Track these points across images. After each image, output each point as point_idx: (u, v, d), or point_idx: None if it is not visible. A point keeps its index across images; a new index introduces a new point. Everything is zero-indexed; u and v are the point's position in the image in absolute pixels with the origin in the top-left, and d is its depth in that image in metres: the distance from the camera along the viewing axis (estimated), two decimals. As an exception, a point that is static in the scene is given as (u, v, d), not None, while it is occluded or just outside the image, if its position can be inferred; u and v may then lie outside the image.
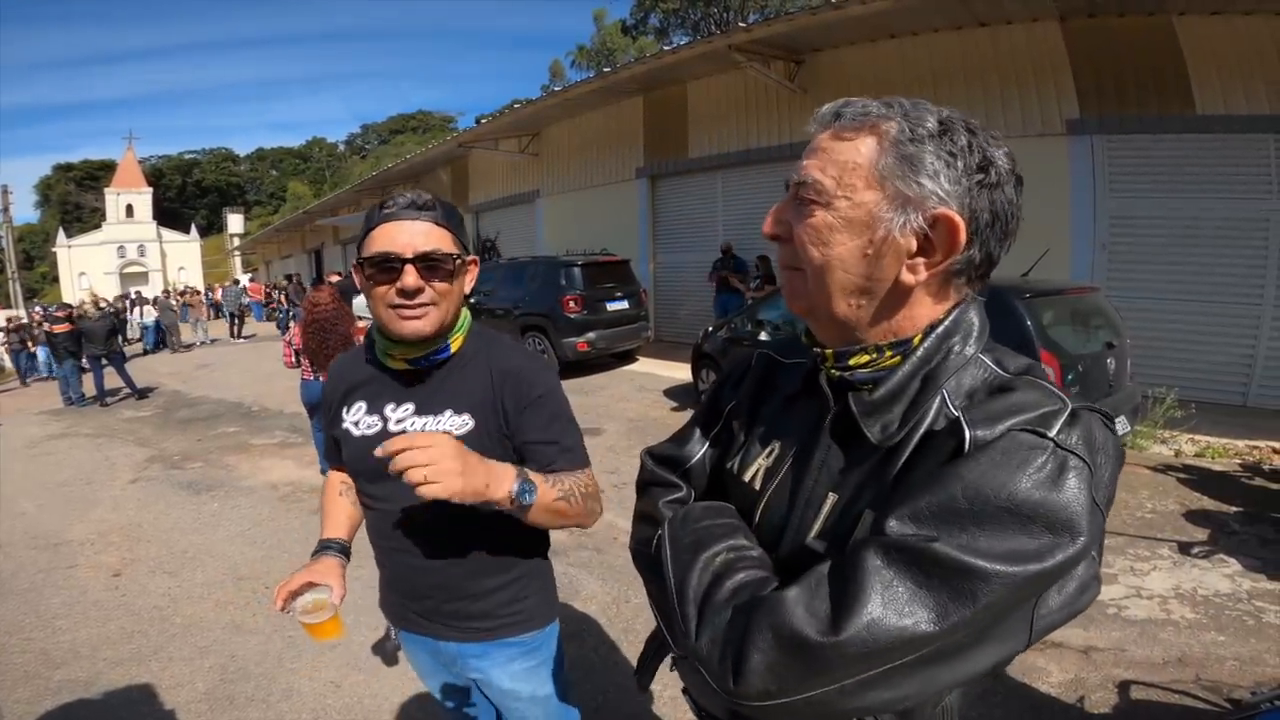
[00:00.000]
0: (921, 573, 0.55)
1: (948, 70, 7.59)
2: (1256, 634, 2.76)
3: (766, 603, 0.60)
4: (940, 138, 0.64)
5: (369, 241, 1.10)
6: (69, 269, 50.17)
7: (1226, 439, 5.25)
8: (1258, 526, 3.80)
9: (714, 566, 0.69)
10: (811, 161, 0.69)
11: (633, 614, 3.07)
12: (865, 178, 0.65)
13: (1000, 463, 0.56)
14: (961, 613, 0.53)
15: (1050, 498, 0.54)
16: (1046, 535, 0.54)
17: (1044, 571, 0.54)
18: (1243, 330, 6.26)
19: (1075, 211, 6.77)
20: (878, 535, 0.58)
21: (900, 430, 0.67)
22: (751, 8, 30.62)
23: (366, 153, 69.30)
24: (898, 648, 0.54)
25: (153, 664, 2.80)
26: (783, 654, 0.57)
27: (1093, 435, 0.59)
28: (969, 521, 0.55)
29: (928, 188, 0.63)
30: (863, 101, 0.68)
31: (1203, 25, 6.13)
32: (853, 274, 0.67)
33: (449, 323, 1.17)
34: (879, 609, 0.54)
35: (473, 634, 1.25)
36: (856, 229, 0.66)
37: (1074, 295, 4.59)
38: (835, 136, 0.68)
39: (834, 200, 0.66)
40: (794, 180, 0.70)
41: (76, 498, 5.11)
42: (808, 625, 0.56)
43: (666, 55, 9.27)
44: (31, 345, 13.20)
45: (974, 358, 0.69)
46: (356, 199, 23.29)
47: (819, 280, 0.69)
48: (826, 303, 0.70)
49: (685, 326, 10.93)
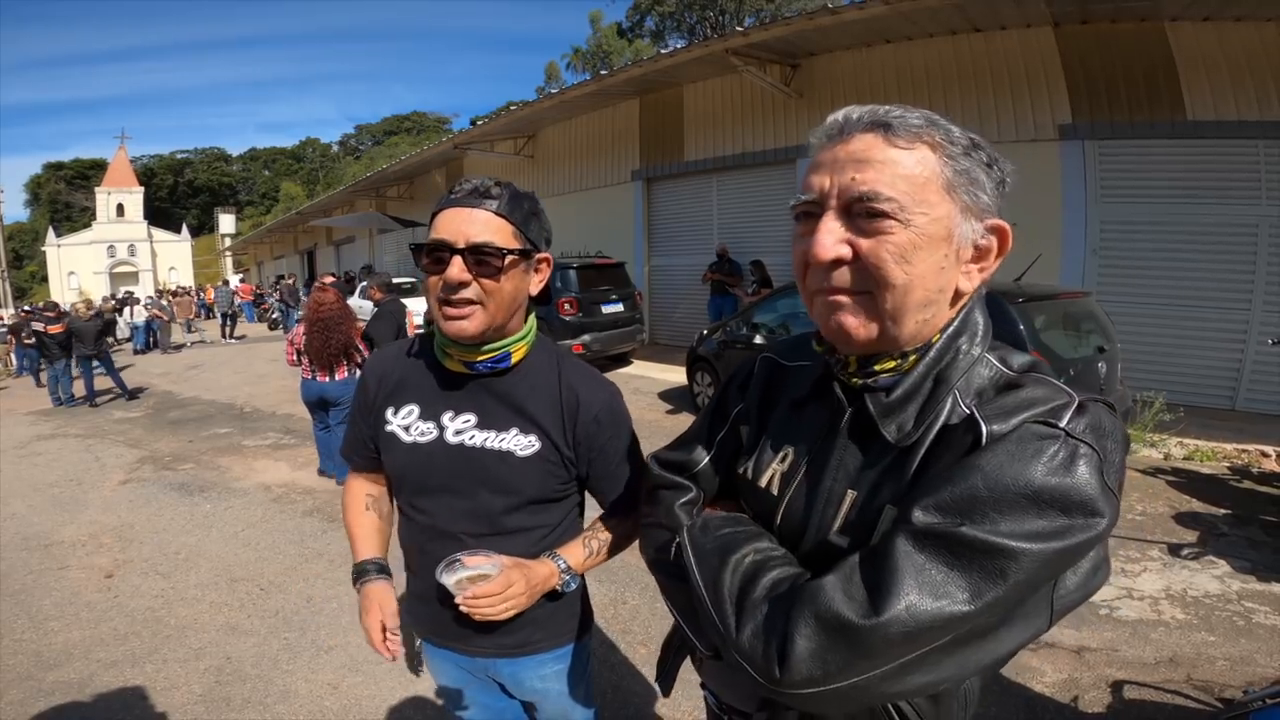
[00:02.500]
0: (952, 555, 0.58)
1: (942, 75, 7.66)
2: (1246, 634, 2.80)
3: (805, 591, 0.63)
4: (974, 151, 0.67)
5: (433, 226, 1.05)
6: (58, 268, 49.68)
7: (1215, 442, 5.31)
8: (1246, 529, 3.84)
9: (744, 568, 0.72)
10: (869, 174, 0.65)
11: (629, 615, 3.07)
12: (938, 190, 0.65)
13: (1015, 453, 0.60)
14: (995, 591, 0.57)
15: (1065, 482, 0.58)
16: (1062, 517, 0.57)
17: (1066, 549, 0.57)
18: (1231, 335, 6.34)
19: (1067, 216, 6.83)
20: (905, 524, 0.61)
21: (916, 429, 0.69)
22: (747, 11, 30.74)
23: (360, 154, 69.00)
24: (936, 628, 0.57)
25: (147, 666, 2.78)
26: (827, 638, 0.59)
27: (1100, 423, 0.62)
28: (989, 508, 0.58)
29: (983, 199, 0.67)
30: (901, 110, 0.67)
31: (1194, 31, 6.21)
32: (929, 289, 0.67)
33: (501, 325, 1.08)
34: (914, 591, 0.57)
35: (507, 650, 1.21)
36: (936, 244, 0.66)
37: (1066, 300, 4.64)
38: (883, 148, 0.66)
39: (913, 216, 0.64)
40: (850, 194, 0.65)
41: (67, 499, 5.07)
42: (848, 608, 0.58)
43: (663, 58, 9.29)
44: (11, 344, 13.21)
45: (981, 356, 0.71)
46: (350, 200, 23.21)
47: (899, 301, 0.66)
48: (899, 322, 0.68)
49: (680, 329, 10.97)
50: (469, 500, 1.14)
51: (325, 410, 5.06)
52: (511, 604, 1.05)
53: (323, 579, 3.51)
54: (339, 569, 3.59)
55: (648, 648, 2.81)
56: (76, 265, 49.42)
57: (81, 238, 51.07)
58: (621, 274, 9.35)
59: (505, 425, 1.13)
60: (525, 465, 1.12)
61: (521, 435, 1.13)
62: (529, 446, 1.12)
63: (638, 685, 2.57)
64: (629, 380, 8.63)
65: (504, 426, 1.13)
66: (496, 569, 1.05)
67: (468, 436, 1.13)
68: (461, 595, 1.03)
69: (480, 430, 1.13)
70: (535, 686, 1.26)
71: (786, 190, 9.40)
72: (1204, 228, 6.37)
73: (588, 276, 8.70)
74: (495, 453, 1.12)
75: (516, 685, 1.27)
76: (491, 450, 1.12)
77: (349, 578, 1.29)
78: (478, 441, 1.12)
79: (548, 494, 1.16)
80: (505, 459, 1.12)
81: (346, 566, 3.76)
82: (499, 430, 1.13)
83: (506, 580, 1.05)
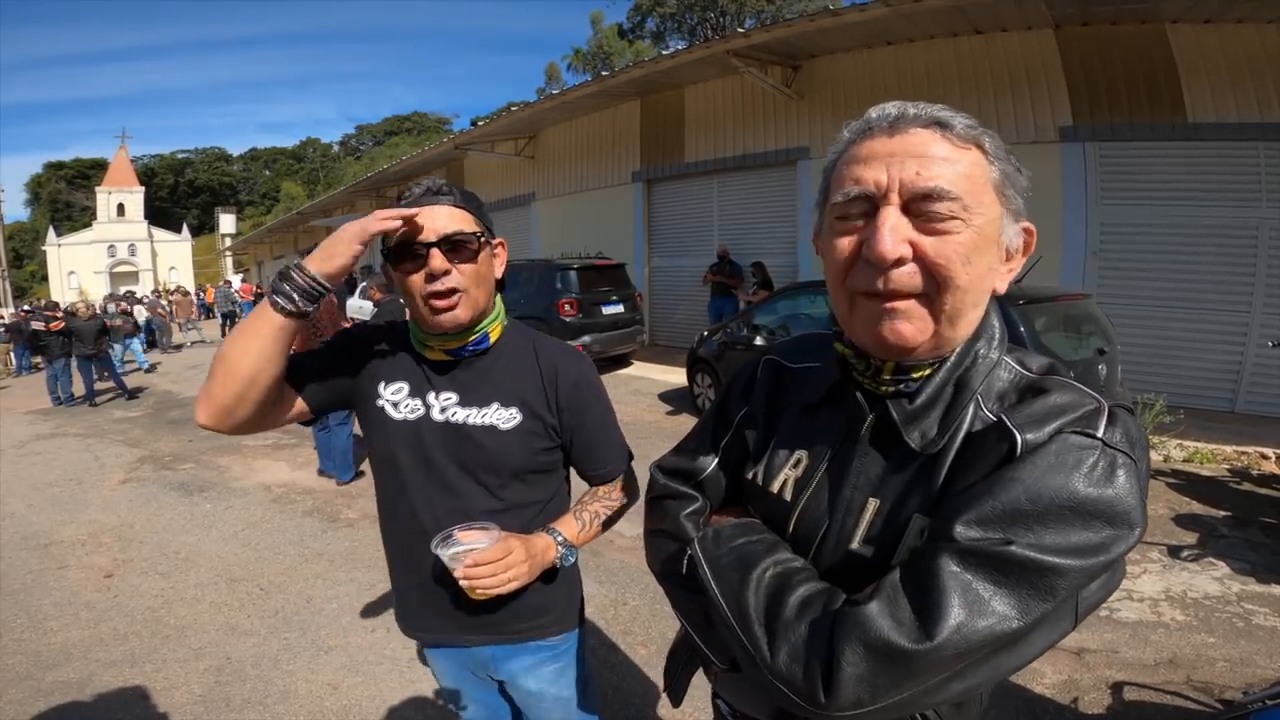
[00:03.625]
0: (999, 573, 0.57)
1: (943, 77, 7.66)
2: (1246, 636, 2.80)
3: (850, 616, 0.61)
4: (1010, 156, 0.68)
5: (391, 235, 1.09)
6: (59, 268, 49.67)
7: (1215, 444, 5.31)
8: (1246, 530, 3.84)
9: (766, 583, 0.70)
10: (935, 170, 0.62)
11: (630, 616, 3.07)
12: (991, 191, 0.66)
13: (1056, 465, 0.59)
14: (1043, 607, 0.57)
15: (1106, 494, 0.58)
16: (1108, 529, 0.58)
17: (1110, 561, 0.58)
18: (1231, 337, 6.34)
19: (1067, 218, 6.83)
20: (949, 541, 0.60)
21: (941, 436, 0.68)
22: (748, 13, 30.76)
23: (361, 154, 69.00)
24: (986, 644, 0.57)
25: (147, 666, 2.78)
26: (876, 663, 0.58)
27: (1130, 431, 0.62)
28: (1034, 522, 0.58)
29: (1019, 201, 0.68)
30: (952, 112, 0.66)
31: (1195, 33, 6.22)
32: (982, 290, 0.67)
33: (483, 308, 1.15)
34: (964, 612, 0.57)
35: (508, 636, 1.22)
36: (990, 244, 0.66)
37: (1066, 302, 4.64)
38: (948, 144, 0.64)
39: (973, 216, 0.63)
40: (914, 189, 0.62)
41: (66, 498, 5.07)
42: (898, 635, 0.58)
43: (664, 59, 9.30)
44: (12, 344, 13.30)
45: (1000, 359, 0.71)
46: (350, 200, 23.21)
47: (959, 303, 0.65)
48: (955, 325, 0.66)
49: (680, 330, 10.96)
50: (460, 479, 1.16)
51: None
52: (512, 574, 1.06)
53: (323, 579, 3.51)
54: (339, 569, 3.59)
55: (648, 649, 2.81)
56: (77, 265, 49.40)
57: (82, 237, 51.07)
58: (622, 275, 9.36)
59: (485, 401, 1.17)
60: (509, 437, 1.16)
61: (503, 409, 1.17)
62: (511, 419, 1.16)
63: (638, 686, 2.57)
64: (629, 381, 8.63)
65: (484, 402, 1.17)
66: (491, 540, 1.05)
67: (451, 413, 1.16)
68: (460, 567, 1.03)
69: (462, 408, 1.16)
70: (532, 688, 1.26)
71: (788, 192, 9.41)
72: (1204, 230, 6.37)
73: (588, 277, 8.71)
74: (479, 428, 1.16)
75: (515, 687, 1.28)
76: (475, 425, 1.16)
77: (349, 578, 1.29)
78: (460, 418, 1.16)
79: (534, 465, 1.19)
80: (490, 433, 1.16)
81: (347, 567, 3.81)
82: (480, 406, 1.17)
83: (506, 547, 1.06)
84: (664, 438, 5.95)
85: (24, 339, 12.70)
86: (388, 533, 1.25)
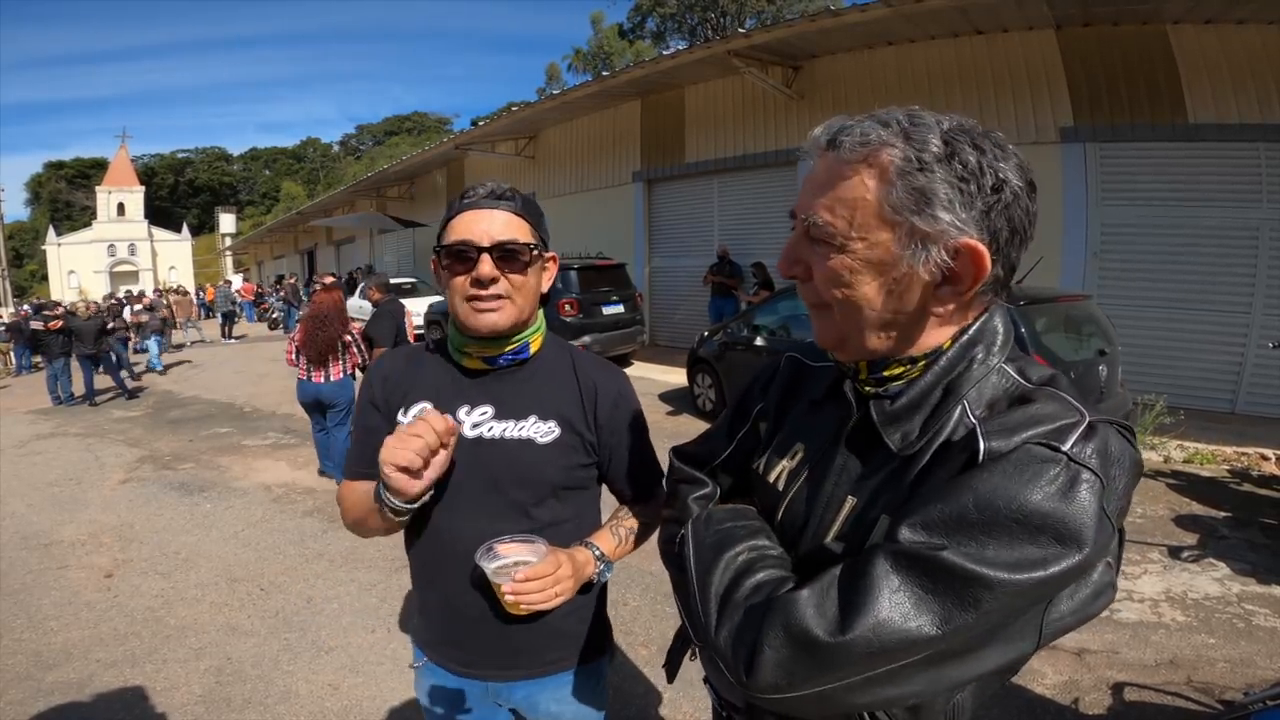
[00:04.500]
0: (928, 578, 0.56)
1: (944, 78, 7.66)
2: (1246, 636, 2.80)
3: (780, 602, 0.63)
4: (949, 161, 0.61)
5: (448, 231, 1.08)
6: (58, 267, 49.66)
7: (1215, 445, 5.32)
8: (1246, 531, 3.85)
9: (735, 566, 0.72)
10: (820, 200, 0.66)
11: (630, 616, 3.07)
12: (877, 216, 0.63)
13: (1012, 475, 0.57)
14: (964, 618, 0.55)
15: (1059, 509, 0.55)
16: (1054, 545, 0.55)
17: (1046, 579, 0.55)
18: (1232, 338, 6.34)
19: (1068, 219, 6.83)
20: (890, 542, 0.60)
21: (920, 439, 0.67)
22: (748, 13, 30.77)
23: (361, 154, 69.00)
24: (902, 649, 0.56)
25: (147, 666, 2.78)
26: (792, 651, 0.59)
27: (1108, 448, 0.59)
28: (979, 531, 0.56)
29: (944, 220, 0.61)
30: (860, 125, 0.64)
31: (1196, 34, 6.22)
32: (879, 310, 0.67)
33: (525, 319, 1.12)
34: (885, 612, 0.56)
35: (542, 668, 1.18)
36: (876, 269, 0.65)
37: (1066, 303, 4.64)
38: (836, 171, 0.65)
39: (849, 242, 0.64)
40: (801, 219, 0.69)
41: (66, 498, 5.07)
42: (817, 625, 0.58)
43: (664, 60, 9.30)
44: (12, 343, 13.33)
45: (997, 367, 0.69)
46: (350, 200, 23.23)
47: (847, 318, 0.69)
48: (858, 338, 0.70)
49: (680, 331, 10.97)
50: (492, 496, 1.12)
51: (321, 413, 5.06)
52: (560, 588, 1.02)
53: (323, 579, 3.51)
54: (339, 569, 3.59)
55: (649, 649, 2.81)
56: (77, 264, 49.39)
57: (82, 237, 51.05)
58: (622, 275, 9.36)
59: (523, 413, 1.14)
60: (546, 452, 1.12)
61: (540, 422, 1.14)
62: (549, 433, 1.13)
63: (639, 687, 2.57)
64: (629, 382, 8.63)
65: (522, 415, 1.14)
66: (538, 555, 1.02)
67: (485, 428, 1.13)
68: (509, 581, 0.98)
69: (498, 420, 1.13)
70: (552, 709, 1.22)
71: (788, 192, 9.40)
72: (1205, 231, 6.38)
73: (588, 277, 8.71)
74: (515, 441, 1.12)
75: (531, 709, 1.22)
76: (511, 439, 1.12)
77: (350, 578, 1.27)
78: (496, 432, 1.12)
79: (569, 481, 1.16)
80: (526, 446, 1.12)
81: (347, 567, 3.81)
82: (517, 419, 1.13)
83: (555, 561, 1.02)
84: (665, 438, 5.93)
85: (24, 338, 12.71)
86: (412, 550, 1.21)
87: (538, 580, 0.99)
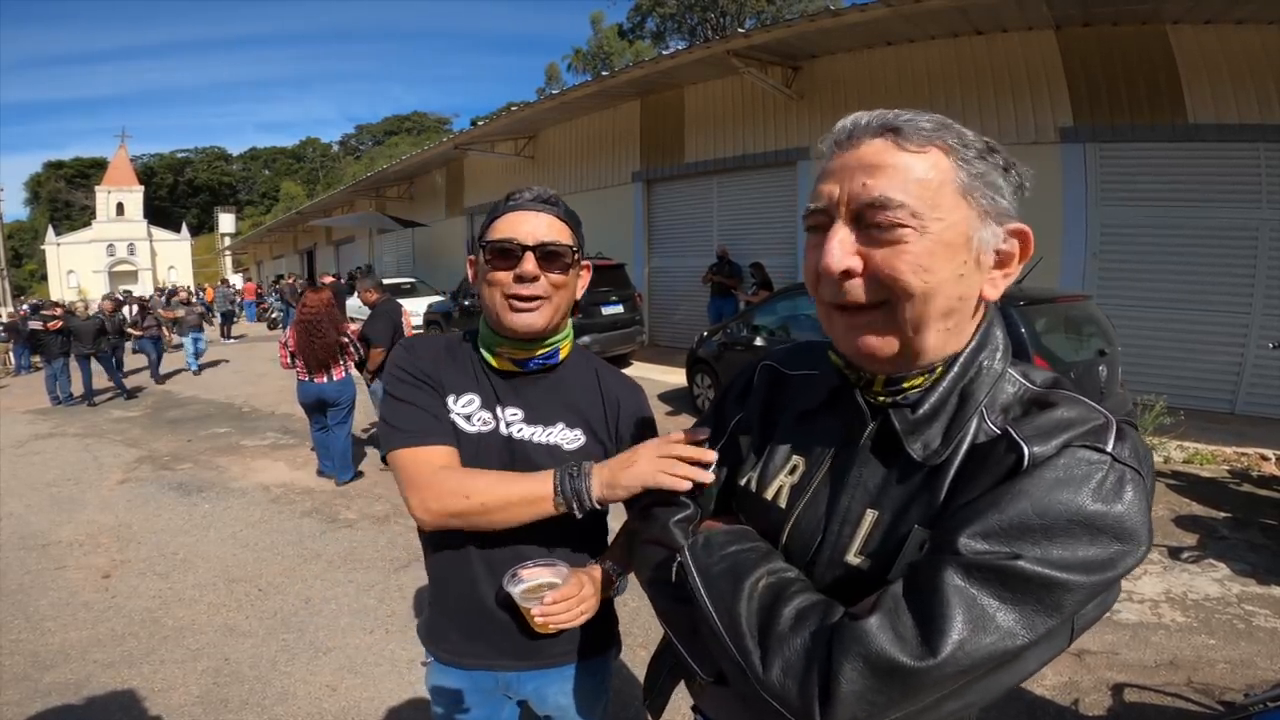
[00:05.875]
0: (1005, 588, 0.56)
1: (944, 77, 7.66)
2: (1246, 637, 2.80)
3: (849, 631, 0.59)
4: (990, 155, 0.65)
5: (492, 229, 1.10)
6: (58, 267, 49.70)
7: (1215, 446, 5.31)
8: (1246, 532, 3.84)
9: (759, 594, 0.68)
10: (880, 180, 0.62)
11: (629, 617, 3.06)
12: (953, 194, 0.63)
13: (1065, 479, 0.58)
14: (1049, 622, 0.56)
15: (1115, 509, 0.57)
16: (1116, 544, 0.57)
17: (1116, 577, 0.57)
18: (1231, 338, 6.34)
19: (1067, 219, 6.83)
20: (953, 554, 0.58)
21: (944, 448, 0.66)
22: (748, 13, 30.78)
23: (360, 153, 68.98)
24: (989, 661, 0.56)
25: (144, 667, 2.77)
26: (877, 681, 0.57)
27: (1139, 448, 0.61)
28: (1041, 536, 0.57)
29: (1002, 203, 0.65)
30: (911, 114, 0.65)
31: (1196, 34, 6.22)
32: (950, 296, 0.64)
33: (558, 323, 1.16)
34: (968, 628, 0.55)
35: (551, 660, 1.19)
36: (954, 250, 0.63)
37: (1066, 303, 4.64)
38: (899, 150, 0.63)
39: (929, 222, 0.62)
40: (860, 200, 0.63)
41: (64, 498, 5.06)
42: (900, 651, 0.56)
43: (664, 59, 9.29)
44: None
45: (1004, 372, 0.69)
46: (350, 200, 23.21)
47: (920, 310, 0.64)
48: (921, 333, 0.65)
49: (680, 331, 10.96)
50: None
51: (323, 412, 5.06)
52: (585, 607, 1.06)
53: (321, 580, 3.50)
54: (337, 570, 3.58)
55: (647, 650, 2.80)
56: (76, 264, 49.44)
57: (81, 236, 51.10)
58: (621, 275, 9.34)
59: (551, 420, 1.16)
60: (572, 458, 1.12)
61: (568, 429, 1.16)
62: (575, 440, 1.16)
63: (636, 689, 2.57)
64: (628, 381, 8.62)
65: (550, 421, 1.16)
66: (562, 577, 1.05)
67: (516, 429, 1.14)
68: (537, 605, 1.02)
69: (528, 425, 1.15)
70: (560, 701, 1.23)
71: (787, 192, 9.40)
72: (1204, 231, 6.37)
73: (587, 278, 8.69)
74: (542, 446, 1.14)
75: (540, 700, 1.24)
76: (539, 444, 1.14)
77: (348, 579, 1.26)
78: (525, 435, 1.14)
79: None
80: (552, 452, 1.14)
81: (345, 568, 3.80)
82: (545, 424, 1.15)
83: (579, 582, 1.06)
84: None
85: (22, 339, 12.70)
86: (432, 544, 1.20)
87: (565, 601, 1.03)
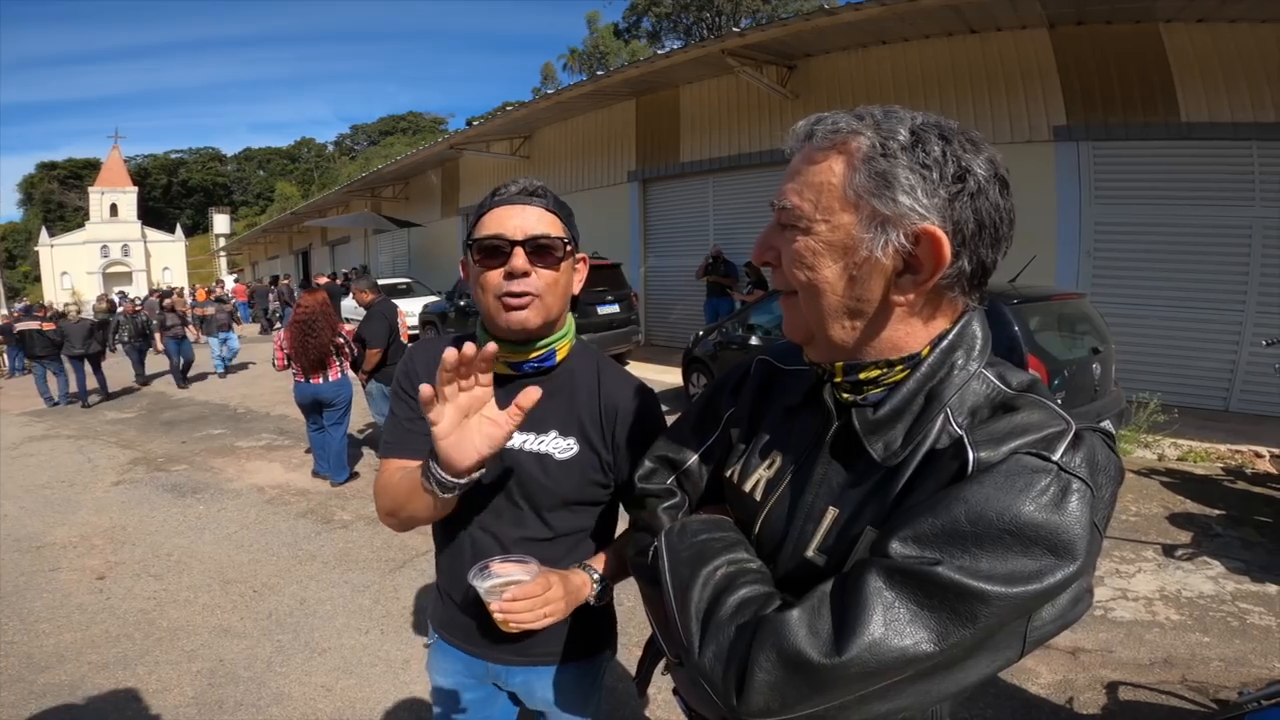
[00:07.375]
0: (923, 595, 0.56)
1: (938, 76, 7.68)
2: (1241, 635, 2.81)
3: (770, 623, 0.60)
4: (913, 149, 0.62)
5: (480, 226, 1.07)
6: (51, 268, 49.46)
7: (1209, 443, 5.33)
8: (1240, 529, 3.86)
9: (715, 581, 0.70)
10: (790, 185, 0.69)
11: (625, 617, 3.03)
12: (840, 199, 0.64)
13: (1004, 485, 0.56)
14: (961, 633, 0.55)
15: (1052, 520, 0.55)
16: (1048, 556, 0.55)
17: (1042, 591, 0.55)
18: (1225, 336, 6.36)
19: (1061, 218, 6.85)
20: (881, 557, 0.59)
21: (904, 449, 0.66)
22: (743, 13, 30.80)
23: (355, 154, 68.86)
24: (898, 666, 0.55)
25: (139, 668, 2.76)
26: (786, 673, 0.58)
27: (1095, 457, 0.59)
28: (971, 544, 0.55)
29: (904, 204, 0.61)
30: (834, 117, 0.67)
31: (1189, 33, 6.24)
32: (841, 296, 0.67)
33: (555, 320, 1.12)
34: (880, 630, 0.55)
35: (536, 658, 1.19)
36: (838, 251, 0.65)
37: (1060, 301, 4.65)
38: (808, 158, 0.67)
39: (813, 225, 0.66)
40: (775, 205, 0.70)
41: (58, 500, 5.03)
42: (811, 646, 0.57)
43: (659, 59, 9.29)
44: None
45: (977, 373, 0.68)
46: (345, 200, 23.14)
47: (810, 304, 0.69)
48: (822, 326, 0.69)
49: (676, 330, 10.96)
50: (508, 504, 1.12)
51: (319, 412, 5.04)
52: (549, 609, 1.02)
53: (316, 581, 3.49)
54: (333, 571, 3.57)
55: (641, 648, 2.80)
56: (70, 265, 49.20)
57: (75, 238, 50.85)
58: (618, 275, 9.34)
59: (544, 427, 1.12)
60: (562, 469, 1.11)
61: (561, 438, 1.12)
62: (568, 449, 1.12)
63: (633, 688, 2.56)
64: (625, 381, 8.62)
65: (543, 429, 1.12)
66: (530, 575, 1.02)
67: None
68: (497, 601, 1.00)
69: (519, 432, 1.10)
70: (548, 698, 1.23)
71: (783, 191, 9.41)
72: (1198, 229, 6.40)
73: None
74: (532, 455, 1.11)
75: (528, 695, 1.25)
76: (529, 453, 1.11)
77: (343, 580, 1.26)
78: (515, 444, 1.11)
79: (584, 497, 1.15)
80: (542, 461, 1.11)
81: (340, 568, 3.79)
82: (538, 432, 1.12)
83: (545, 583, 1.02)
84: (660, 438, 5.93)
85: (14, 341, 12.64)
86: (436, 540, 1.23)
87: (526, 600, 0.99)
